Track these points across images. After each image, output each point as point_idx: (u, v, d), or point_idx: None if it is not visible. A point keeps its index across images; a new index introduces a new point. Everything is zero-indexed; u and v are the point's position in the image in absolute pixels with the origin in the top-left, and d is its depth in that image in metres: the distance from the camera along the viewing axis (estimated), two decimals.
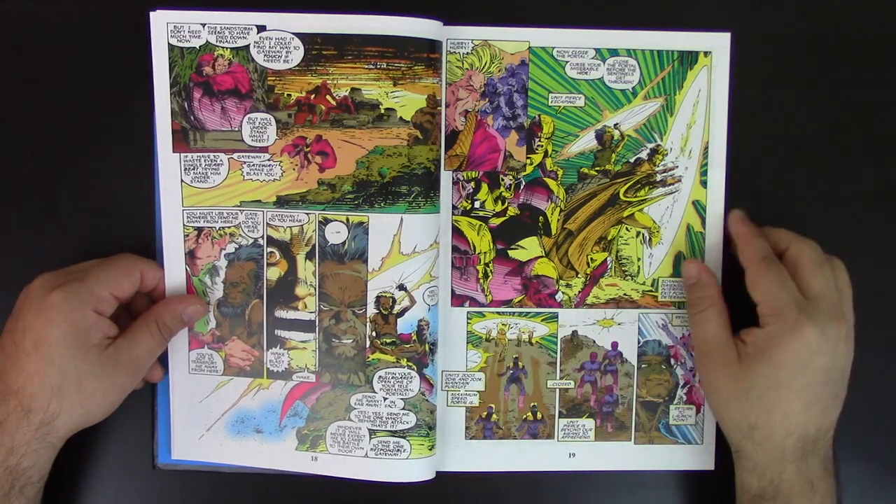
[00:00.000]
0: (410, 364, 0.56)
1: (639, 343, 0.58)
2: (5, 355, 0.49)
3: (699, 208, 0.57)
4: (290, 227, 0.56)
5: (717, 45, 0.57)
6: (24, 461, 0.48)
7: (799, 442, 0.50)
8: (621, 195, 0.58)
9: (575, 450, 0.58)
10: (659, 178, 0.57)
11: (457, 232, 0.57)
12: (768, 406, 0.50)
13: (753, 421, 0.51)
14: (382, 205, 0.55)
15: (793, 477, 0.50)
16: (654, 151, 0.57)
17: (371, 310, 0.56)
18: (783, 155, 0.58)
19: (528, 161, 0.57)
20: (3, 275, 0.56)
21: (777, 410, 0.50)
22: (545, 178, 0.57)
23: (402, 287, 0.55)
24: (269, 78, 0.54)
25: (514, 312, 0.58)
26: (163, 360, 0.56)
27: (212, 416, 0.57)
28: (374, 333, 0.56)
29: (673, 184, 0.57)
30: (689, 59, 0.57)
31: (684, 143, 0.57)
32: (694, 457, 0.58)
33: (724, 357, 0.52)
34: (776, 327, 0.50)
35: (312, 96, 0.55)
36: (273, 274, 0.56)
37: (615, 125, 0.57)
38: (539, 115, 0.57)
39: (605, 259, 0.58)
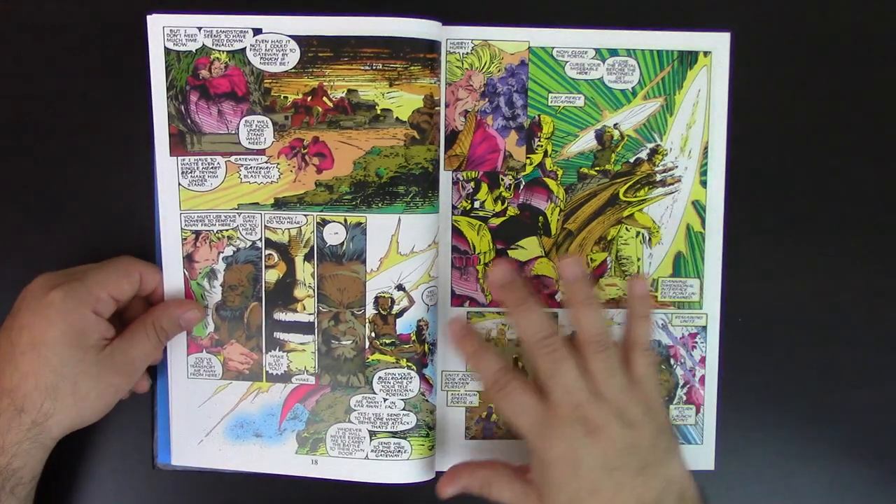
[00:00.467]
0: (410, 364, 0.56)
1: None
2: (1, 354, 0.49)
3: (699, 208, 0.57)
4: (289, 228, 0.56)
5: (716, 45, 0.56)
6: (14, 461, 0.48)
7: None
8: (621, 195, 0.57)
9: None
10: (659, 178, 0.57)
11: (456, 232, 0.57)
12: (556, 499, 0.49)
13: None
14: (380, 205, 0.55)
15: None
16: (653, 151, 0.57)
17: (370, 310, 0.55)
18: (783, 155, 0.58)
19: (528, 161, 0.57)
20: (3, 275, 0.56)
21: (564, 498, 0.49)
22: (545, 178, 0.57)
23: (400, 287, 0.55)
24: (266, 80, 0.54)
25: None
26: (150, 371, 0.56)
27: (211, 421, 0.56)
28: (373, 334, 0.56)
29: (673, 184, 0.57)
30: (688, 59, 0.56)
31: (684, 143, 0.57)
32: (694, 456, 0.58)
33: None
34: (529, 446, 0.50)
35: (309, 98, 0.54)
36: (271, 276, 0.56)
37: (615, 125, 0.57)
38: (539, 115, 0.57)
39: (605, 259, 0.58)
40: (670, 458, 0.50)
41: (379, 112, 0.54)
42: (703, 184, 0.57)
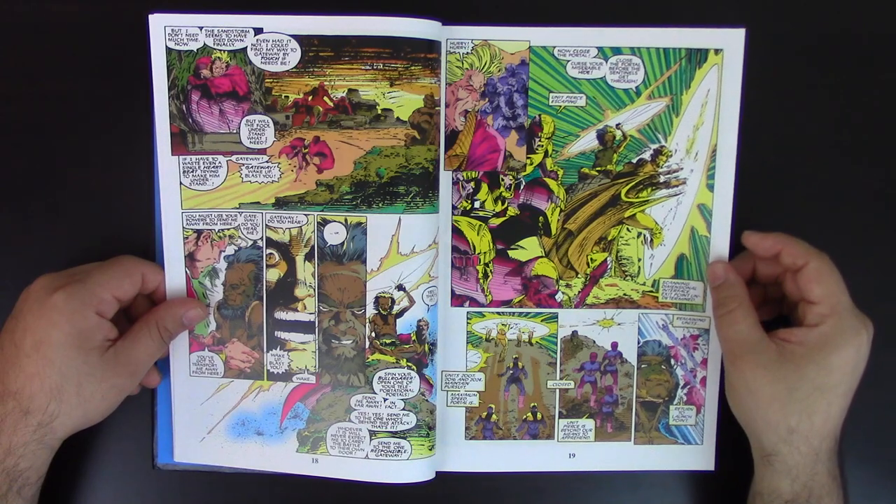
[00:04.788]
0: (410, 364, 0.56)
1: (639, 343, 0.58)
2: (5, 356, 0.50)
3: (705, 212, 0.56)
4: (289, 228, 0.56)
5: (729, 43, 0.55)
6: (21, 462, 0.49)
7: (832, 443, 0.50)
8: (623, 196, 0.57)
9: (575, 450, 0.58)
10: (662, 179, 0.56)
11: (457, 232, 0.57)
12: (811, 409, 0.50)
13: (794, 424, 0.50)
14: (380, 205, 0.55)
15: (823, 477, 0.50)
16: (657, 152, 0.56)
17: (370, 310, 0.56)
18: (797, 160, 0.57)
19: (529, 161, 0.57)
20: (3, 275, 0.57)
21: (819, 414, 0.50)
22: (545, 178, 0.57)
23: (400, 287, 0.55)
24: (267, 80, 0.54)
25: (513, 313, 0.58)
26: (160, 365, 0.56)
27: (213, 419, 0.57)
28: (373, 334, 0.56)
29: (677, 186, 0.56)
30: (697, 57, 0.55)
31: (690, 144, 0.56)
32: (694, 457, 0.58)
33: (761, 357, 0.51)
34: (833, 328, 0.50)
35: (310, 98, 0.54)
36: (272, 275, 0.56)
37: (617, 125, 0.56)
38: (539, 115, 0.56)
39: (605, 259, 0.57)
40: None
41: (379, 112, 0.54)
42: (710, 187, 0.56)
